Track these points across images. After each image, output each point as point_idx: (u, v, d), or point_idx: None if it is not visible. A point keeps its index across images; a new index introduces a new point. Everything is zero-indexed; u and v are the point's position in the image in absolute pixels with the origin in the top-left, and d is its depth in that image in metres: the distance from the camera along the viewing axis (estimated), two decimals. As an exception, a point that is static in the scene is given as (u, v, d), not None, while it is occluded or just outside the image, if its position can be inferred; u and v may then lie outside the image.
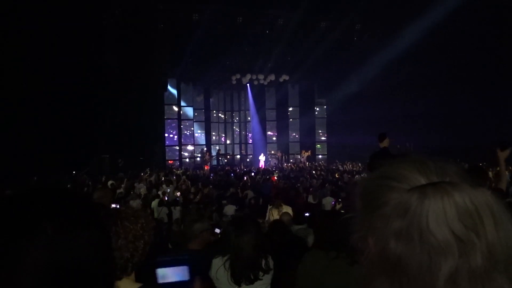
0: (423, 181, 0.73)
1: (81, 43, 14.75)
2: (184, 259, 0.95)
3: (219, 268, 2.80)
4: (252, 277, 2.77)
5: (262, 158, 25.51)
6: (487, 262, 0.64)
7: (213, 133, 29.41)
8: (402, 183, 0.73)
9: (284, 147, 28.66)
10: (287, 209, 6.68)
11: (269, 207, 7.43)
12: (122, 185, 12.07)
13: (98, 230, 0.74)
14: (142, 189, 11.39)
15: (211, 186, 12.62)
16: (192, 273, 0.97)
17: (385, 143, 3.84)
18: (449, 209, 0.66)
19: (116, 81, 17.26)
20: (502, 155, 3.67)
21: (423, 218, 0.67)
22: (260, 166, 24.28)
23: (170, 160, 24.76)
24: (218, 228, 5.18)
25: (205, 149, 27.18)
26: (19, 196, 0.72)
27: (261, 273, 2.81)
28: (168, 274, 0.98)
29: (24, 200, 0.71)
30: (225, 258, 2.82)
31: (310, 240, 4.56)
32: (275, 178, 15.66)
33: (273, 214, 6.74)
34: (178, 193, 10.63)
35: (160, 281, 0.92)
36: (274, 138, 30.13)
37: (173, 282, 1.00)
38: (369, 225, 0.74)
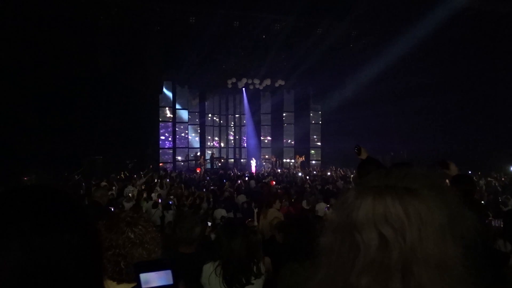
0: (378, 184, 0.81)
1: (76, 44, 14.68)
2: (167, 263, 0.92)
3: (211, 274, 2.79)
4: (244, 281, 2.75)
5: (253, 162, 25.49)
6: (408, 258, 0.73)
7: (208, 137, 29.34)
8: (362, 185, 0.82)
9: (278, 152, 28.64)
10: (277, 214, 6.58)
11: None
12: (114, 187, 12.00)
13: (82, 232, 0.69)
14: (133, 191, 11.29)
15: (204, 190, 12.59)
16: (176, 277, 0.93)
17: (363, 155, 3.78)
18: (377, 209, 0.75)
19: (111, 82, 17.18)
20: (451, 173, 3.48)
21: (353, 213, 0.77)
22: (252, 171, 24.23)
23: (164, 162, 24.65)
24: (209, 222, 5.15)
25: (199, 152, 27.13)
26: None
27: (252, 278, 2.79)
28: (151, 278, 0.94)
29: (2, 198, 0.66)
30: (216, 263, 2.79)
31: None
32: (273, 182, 15.56)
33: (262, 219, 6.67)
34: (172, 196, 10.57)
35: (144, 286, 0.89)
36: (267, 142, 30.10)
37: (157, 287, 0.96)
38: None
